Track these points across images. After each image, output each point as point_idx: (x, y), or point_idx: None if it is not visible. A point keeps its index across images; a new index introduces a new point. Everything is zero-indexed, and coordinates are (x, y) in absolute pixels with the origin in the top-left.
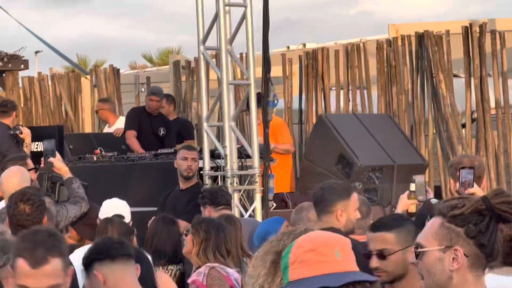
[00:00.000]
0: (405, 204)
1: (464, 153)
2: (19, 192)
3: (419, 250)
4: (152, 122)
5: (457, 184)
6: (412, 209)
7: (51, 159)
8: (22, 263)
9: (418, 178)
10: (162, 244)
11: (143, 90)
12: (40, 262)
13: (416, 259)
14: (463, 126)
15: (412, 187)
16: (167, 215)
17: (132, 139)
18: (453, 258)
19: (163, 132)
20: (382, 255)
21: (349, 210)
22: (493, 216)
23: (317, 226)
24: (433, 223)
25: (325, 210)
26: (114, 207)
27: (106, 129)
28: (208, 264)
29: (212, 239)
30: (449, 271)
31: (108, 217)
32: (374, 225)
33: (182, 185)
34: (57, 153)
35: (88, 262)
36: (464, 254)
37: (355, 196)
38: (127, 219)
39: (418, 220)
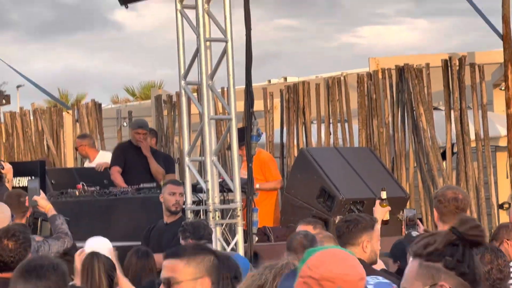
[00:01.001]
0: (382, 212)
1: (444, 185)
2: (4, 228)
3: None
4: (139, 155)
5: None
6: (387, 216)
7: (35, 197)
8: None
9: (409, 211)
10: (137, 277)
11: (125, 124)
12: None
13: None
14: (443, 154)
15: (383, 195)
16: (141, 248)
17: (116, 174)
18: None
19: None
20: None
21: (373, 241)
22: (465, 243)
23: None
24: (411, 266)
25: (351, 242)
26: (97, 246)
27: (87, 164)
28: None
29: None
30: None
31: (94, 251)
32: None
33: (167, 219)
34: (41, 192)
35: None
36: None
37: (377, 227)
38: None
39: (395, 247)
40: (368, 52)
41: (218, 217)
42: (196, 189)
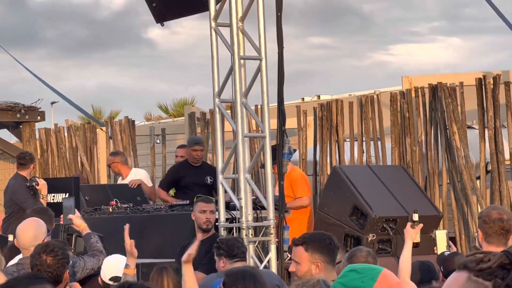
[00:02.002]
0: (415, 233)
1: (479, 205)
2: (43, 243)
3: None
4: (196, 173)
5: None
6: (418, 239)
7: (70, 216)
8: None
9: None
10: None
11: (158, 141)
12: None
13: None
14: (478, 178)
15: (415, 217)
16: (172, 265)
17: (160, 192)
18: None
19: (211, 180)
20: None
21: None
22: None
23: None
24: (458, 278)
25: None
26: (118, 268)
27: (120, 181)
28: None
29: None
30: None
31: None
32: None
33: (199, 236)
34: (76, 210)
35: None
36: None
37: None
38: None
39: (422, 265)
40: (401, 71)
41: (251, 234)
42: (229, 206)
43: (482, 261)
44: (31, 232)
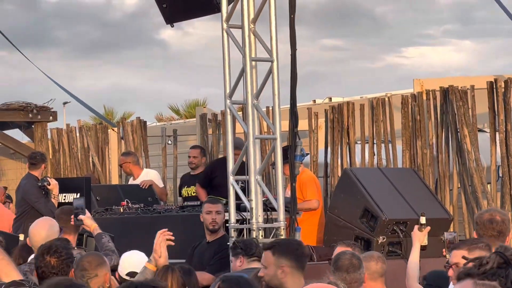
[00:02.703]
0: (422, 236)
1: (489, 207)
2: (46, 244)
3: None
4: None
5: None
6: (425, 242)
7: (81, 216)
8: None
9: (449, 234)
10: None
11: (169, 142)
12: None
13: None
14: (489, 183)
15: (422, 220)
16: (184, 266)
17: (199, 189)
18: None
19: (241, 184)
20: None
21: None
22: (510, 268)
23: None
24: (464, 287)
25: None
26: (135, 263)
27: (131, 182)
28: None
29: None
30: None
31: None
32: None
33: (209, 237)
34: (86, 211)
35: None
36: None
37: None
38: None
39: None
40: (413, 73)
41: (262, 236)
42: (240, 207)
43: (481, 265)
44: (43, 232)
